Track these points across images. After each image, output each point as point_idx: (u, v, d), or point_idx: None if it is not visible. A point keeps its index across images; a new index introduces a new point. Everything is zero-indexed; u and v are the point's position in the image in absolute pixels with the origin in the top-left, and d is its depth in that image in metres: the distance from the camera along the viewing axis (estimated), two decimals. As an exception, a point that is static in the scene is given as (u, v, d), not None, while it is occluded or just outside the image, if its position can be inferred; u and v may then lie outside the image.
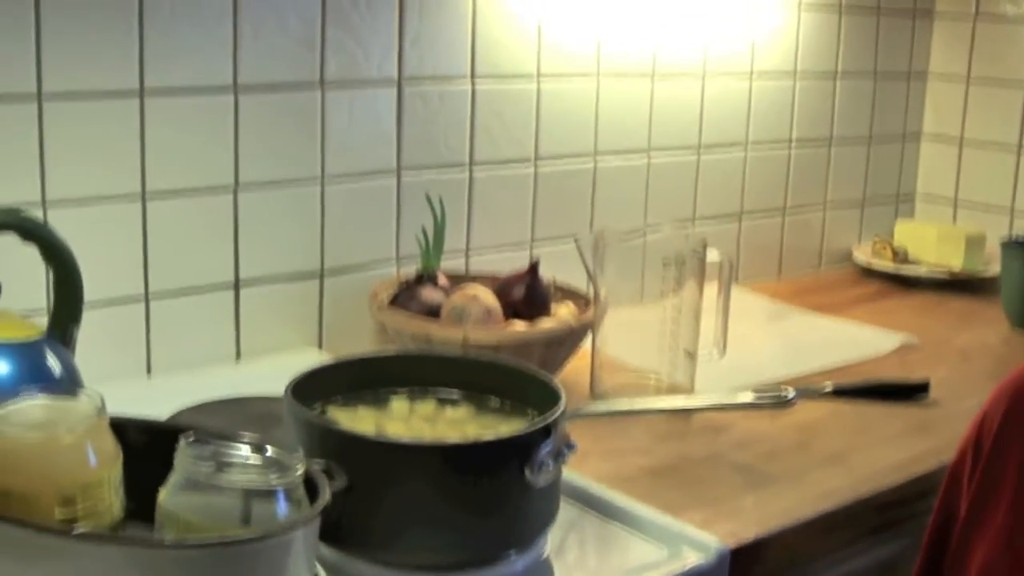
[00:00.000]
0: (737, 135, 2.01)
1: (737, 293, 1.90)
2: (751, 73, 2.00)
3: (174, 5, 1.35)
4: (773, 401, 1.40)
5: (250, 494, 0.82)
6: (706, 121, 1.96)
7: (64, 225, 1.26)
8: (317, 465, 0.89)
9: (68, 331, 1.09)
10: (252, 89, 1.43)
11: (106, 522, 0.85)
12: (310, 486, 0.85)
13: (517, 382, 1.11)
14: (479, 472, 0.94)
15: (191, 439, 0.84)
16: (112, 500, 0.85)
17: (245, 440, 0.87)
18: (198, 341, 1.45)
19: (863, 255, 2.17)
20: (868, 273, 2.15)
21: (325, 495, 0.84)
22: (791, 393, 1.41)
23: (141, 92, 1.34)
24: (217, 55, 1.39)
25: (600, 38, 1.77)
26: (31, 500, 0.81)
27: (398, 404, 1.09)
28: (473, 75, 1.64)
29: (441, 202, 1.53)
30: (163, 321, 1.41)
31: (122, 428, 0.88)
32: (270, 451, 0.85)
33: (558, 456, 0.98)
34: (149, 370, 1.41)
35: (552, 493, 1.01)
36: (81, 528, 0.82)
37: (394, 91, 1.56)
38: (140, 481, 0.86)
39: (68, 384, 1.01)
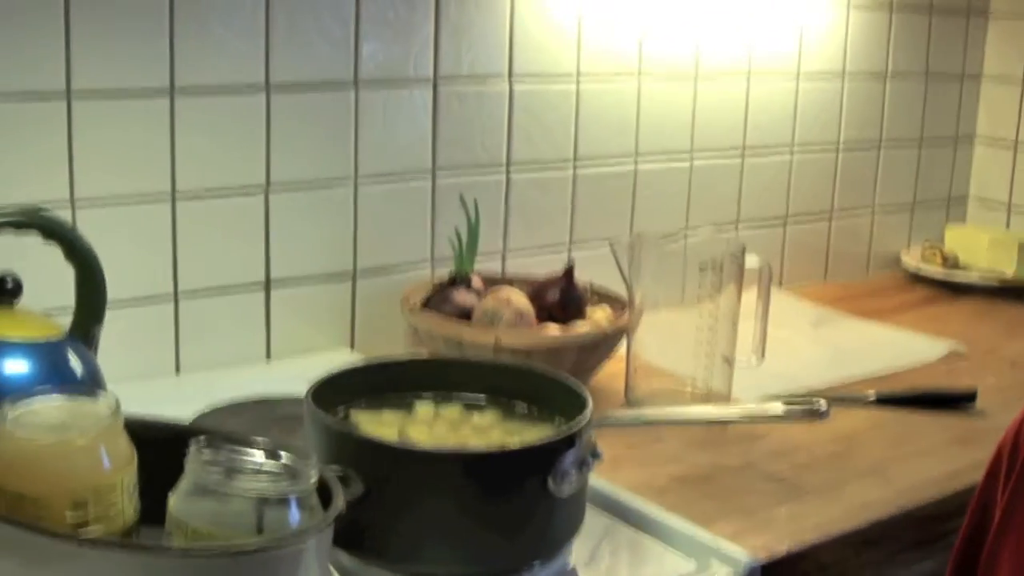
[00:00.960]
0: (783, 137, 1.97)
1: (781, 298, 1.87)
2: (798, 73, 1.96)
3: (206, 3, 1.33)
4: (804, 413, 1.36)
5: (262, 501, 0.80)
6: (751, 123, 1.92)
7: (93, 225, 1.26)
8: (333, 471, 0.87)
9: (91, 331, 1.08)
10: (284, 88, 1.42)
11: (118, 526, 0.84)
12: (324, 493, 0.83)
13: (545, 388, 1.08)
14: (499, 481, 0.92)
15: (203, 444, 0.83)
16: (125, 504, 0.84)
17: (259, 445, 0.85)
18: (227, 341, 1.44)
19: (912, 260, 2.13)
20: (916, 279, 2.11)
21: (339, 503, 0.83)
22: (823, 405, 1.38)
23: (172, 91, 1.33)
24: (249, 53, 1.38)
25: (642, 37, 1.74)
26: (42, 503, 0.80)
27: (423, 409, 1.07)
28: (511, 75, 1.62)
29: (476, 204, 1.51)
30: (192, 321, 1.40)
31: (138, 430, 0.87)
32: (284, 457, 0.84)
33: (582, 465, 0.95)
34: (178, 370, 1.40)
35: (577, 503, 0.99)
36: (92, 532, 0.81)
37: (430, 90, 1.54)
38: (157, 484, 0.85)
39: (85, 384, 1.00)
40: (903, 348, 1.69)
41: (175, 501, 0.82)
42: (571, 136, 1.70)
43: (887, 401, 1.45)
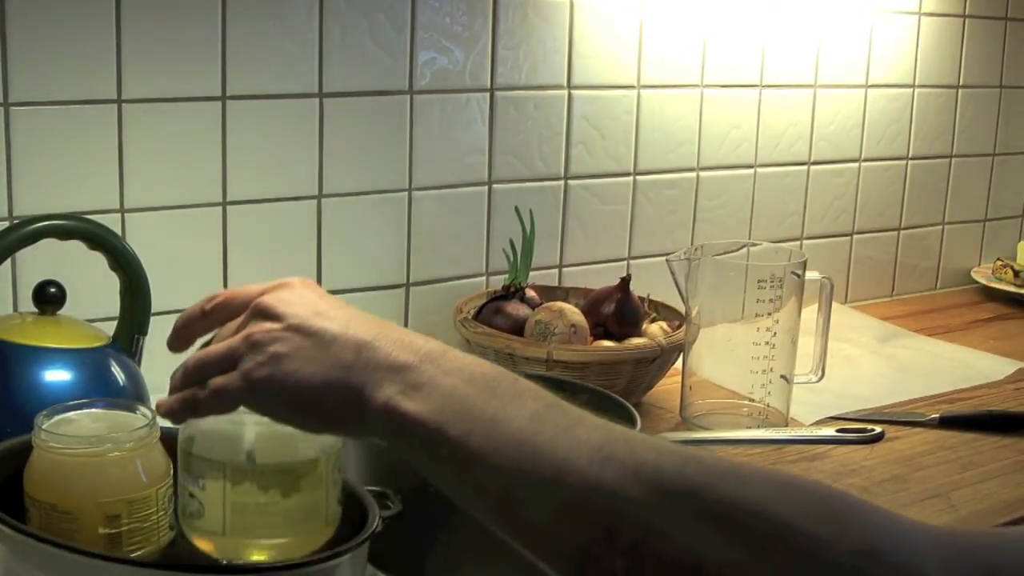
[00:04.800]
0: (850, 149, 1.93)
1: (845, 313, 1.83)
2: (866, 84, 1.92)
3: (259, 9, 1.33)
4: (858, 438, 1.33)
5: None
6: (817, 134, 1.88)
7: (142, 233, 1.26)
8: (371, 490, 0.85)
9: (134, 340, 1.07)
10: (338, 96, 1.40)
11: (152, 541, 0.83)
12: (360, 511, 0.82)
13: (592, 404, 1.05)
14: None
15: None
16: (159, 518, 0.83)
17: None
18: (278, 352, 1.42)
19: (983, 276, 2.08)
20: (987, 295, 2.06)
21: (375, 521, 0.81)
22: (876, 429, 1.34)
23: (223, 98, 1.33)
24: (302, 60, 1.37)
25: (704, 47, 1.71)
26: (75, 515, 0.80)
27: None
28: (569, 83, 1.59)
29: (531, 214, 1.49)
30: (243, 331, 1.39)
31: (175, 442, 0.86)
32: None
33: (628, 486, 0.92)
34: (228, 380, 1.39)
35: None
36: (125, 546, 0.80)
37: (487, 99, 1.52)
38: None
39: (122, 397, 0.99)
40: (970, 367, 1.64)
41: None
42: (631, 146, 1.67)
43: (951, 422, 1.41)
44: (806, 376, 1.41)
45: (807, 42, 1.83)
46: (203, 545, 0.79)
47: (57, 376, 0.99)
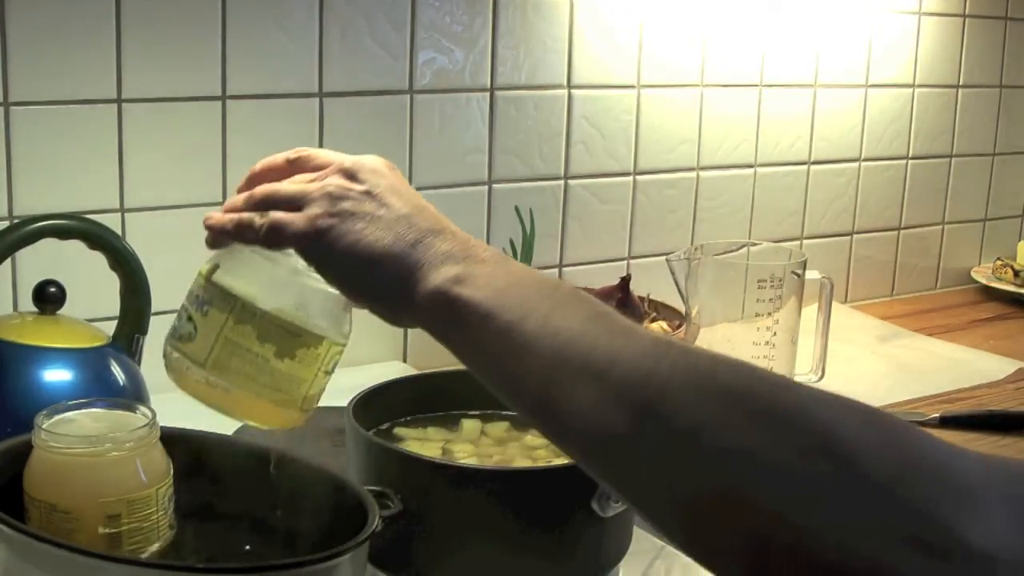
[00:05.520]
0: (850, 149, 1.93)
1: (846, 313, 1.83)
2: (866, 84, 1.92)
3: (259, 9, 1.33)
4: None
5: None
6: (817, 134, 1.88)
7: (142, 232, 1.26)
8: (369, 489, 0.85)
9: (134, 340, 1.07)
10: (338, 95, 1.40)
11: (152, 541, 0.83)
12: (360, 510, 0.82)
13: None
14: (541, 501, 0.89)
15: None
16: (159, 518, 0.83)
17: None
18: (278, 352, 1.42)
19: (983, 276, 2.08)
20: (987, 294, 2.06)
21: (375, 521, 0.81)
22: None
23: (223, 97, 1.33)
24: (302, 60, 1.37)
25: (704, 47, 1.71)
26: (75, 515, 0.80)
27: (469, 425, 1.05)
28: (570, 83, 1.59)
29: (532, 214, 1.49)
30: (242, 331, 1.39)
31: (176, 443, 0.86)
32: None
33: (628, 486, 0.92)
34: (226, 379, 1.39)
35: (624, 525, 0.96)
36: (126, 546, 0.80)
37: (487, 98, 1.52)
38: (191, 495, 0.85)
39: (121, 396, 0.99)
40: (970, 366, 1.64)
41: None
42: (631, 146, 1.67)
43: (951, 422, 1.41)
44: (806, 376, 1.41)
45: (807, 42, 1.83)
46: (176, 369, 0.78)
47: (57, 376, 0.99)
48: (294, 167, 0.79)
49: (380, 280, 0.72)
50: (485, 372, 0.69)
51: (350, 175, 0.74)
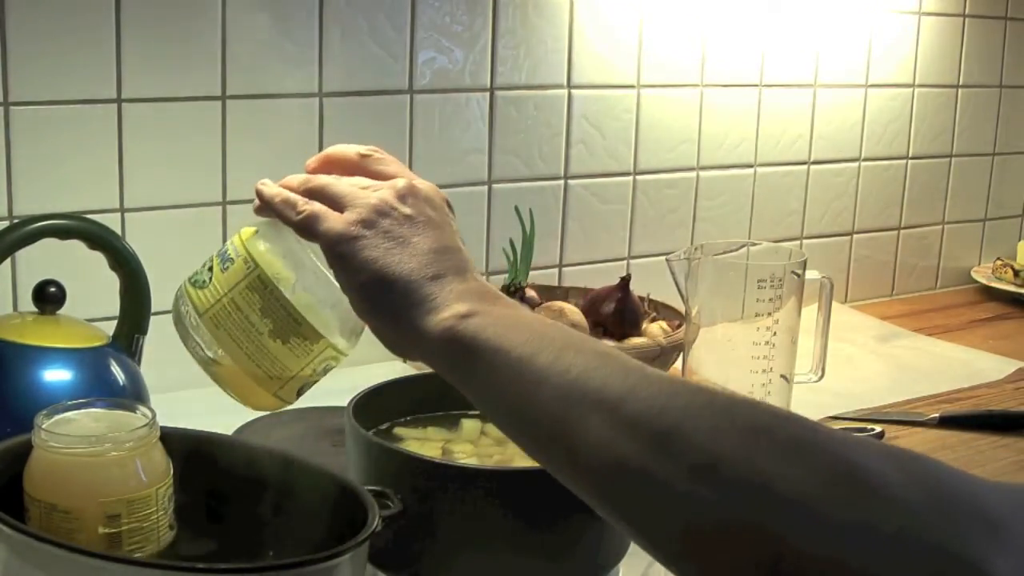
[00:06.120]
0: (850, 149, 1.93)
1: (846, 313, 1.83)
2: (866, 84, 1.92)
3: (259, 9, 1.33)
4: (854, 438, 1.33)
5: None
6: (816, 134, 1.88)
7: (142, 232, 1.26)
8: (369, 489, 0.85)
9: (134, 340, 1.07)
10: (338, 95, 1.40)
11: (152, 540, 0.82)
12: (360, 510, 0.82)
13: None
14: (540, 500, 0.89)
15: None
16: (159, 517, 0.83)
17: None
18: (279, 351, 1.42)
19: (983, 276, 2.08)
20: (987, 294, 2.06)
21: (375, 521, 0.81)
22: (876, 429, 1.34)
23: (223, 98, 1.33)
24: (302, 60, 1.37)
25: (704, 47, 1.71)
26: (74, 515, 0.80)
27: (469, 425, 1.05)
28: (569, 84, 1.59)
29: (531, 214, 1.49)
30: (243, 330, 1.39)
31: (176, 442, 0.86)
32: None
33: (628, 486, 0.92)
34: (228, 380, 1.39)
35: (623, 524, 0.96)
36: (125, 546, 0.80)
37: (487, 98, 1.52)
38: (191, 495, 0.85)
39: (121, 396, 0.99)
40: (970, 366, 1.64)
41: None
42: (631, 146, 1.67)
43: (951, 422, 1.41)
44: (806, 376, 1.41)
45: (807, 42, 1.83)
46: (177, 309, 0.81)
47: (57, 376, 0.99)
48: (362, 164, 0.81)
49: (389, 302, 0.72)
50: (494, 407, 0.69)
51: (402, 196, 0.76)
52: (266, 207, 0.79)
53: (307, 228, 0.76)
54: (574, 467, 0.64)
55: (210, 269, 0.79)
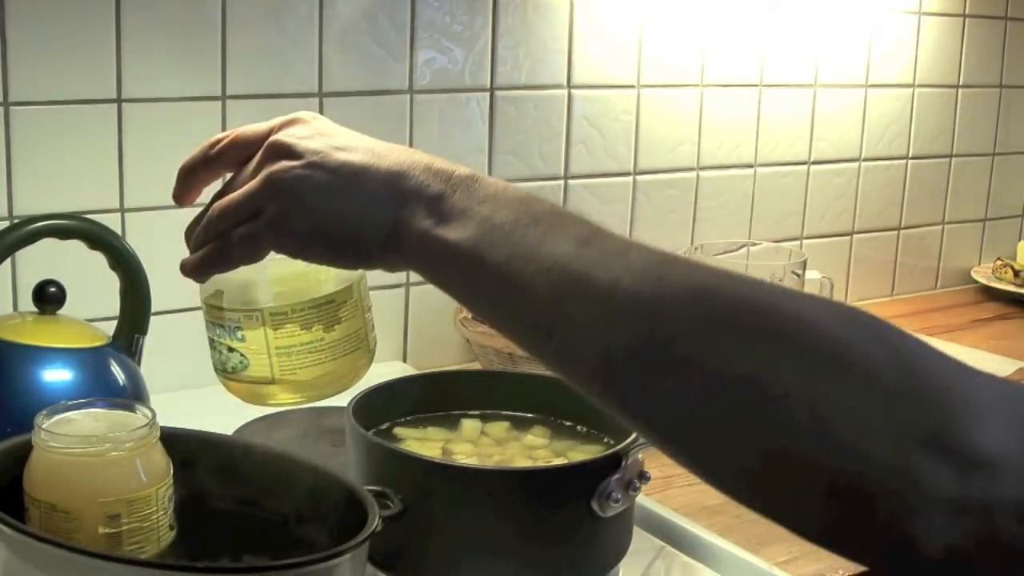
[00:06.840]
0: (850, 149, 1.93)
1: (844, 313, 1.82)
2: (866, 84, 1.92)
3: (259, 9, 1.33)
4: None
5: None
6: (817, 134, 1.88)
7: (142, 233, 1.26)
8: (369, 489, 0.85)
9: (134, 340, 1.07)
10: (338, 95, 1.40)
11: (152, 541, 0.82)
12: (360, 511, 0.82)
13: (595, 406, 1.05)
14: (541, 501, 0.89)
15: None
16: (159, 517, 0.83)
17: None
18: (279, 351, 1.42)
19: (983, 275, 2.08)
20: (987, 294, 2.06)
21: (375, 521, 0.81)
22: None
23: (223, 97, 1.33)
24: (302, 60, 1.37)
25: (704, 47, 1.71)
26: (74, 515, 0.79)
27: (469, 425, 1.05)
28: (569, 84, 1.59)
29: (531, 214, 1.49)
30: (243, 330, 1.39)
31: (177, 442, 0.86)
32: None
33: (629, 487, 0.92)
34: (229, 380, 1.39)
35: (623, 525, 0.96)
36: (126, 546, 0.80)
37: (487, 99, 1.52)
38: (192, 495, 0.84)
39: (121, 396, 0.99)
40: (970, 367, 1.64)
41: None
42: (631, 146, 1.67)
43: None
44: (806, 376, 1.40)
45: (807, 42, 1.83)
46: (251, 392, 0.79)
47: (57, 376, 0.99)
48: (220, 159, 0.77)
49: (362, 245, 0.69)
50: (481, 311, 0.67)
51: (286, 152, 0.71)
52: (203, 274, 0.76)
53: (250, 259, 0.72)
54: (571, 357, 0.63)
55: (231, 350, 0.78)
